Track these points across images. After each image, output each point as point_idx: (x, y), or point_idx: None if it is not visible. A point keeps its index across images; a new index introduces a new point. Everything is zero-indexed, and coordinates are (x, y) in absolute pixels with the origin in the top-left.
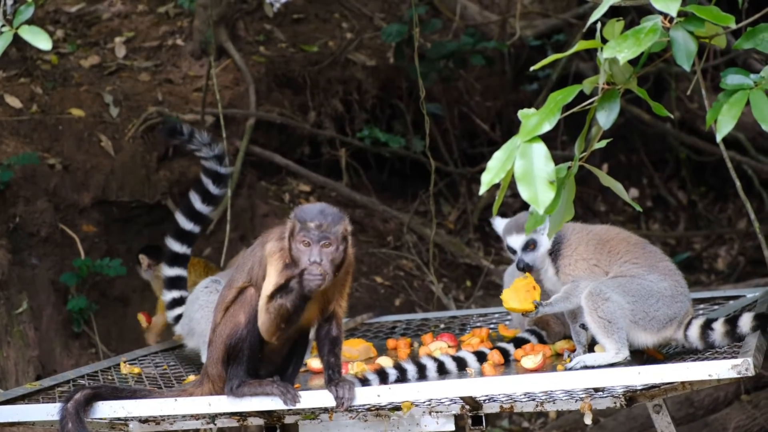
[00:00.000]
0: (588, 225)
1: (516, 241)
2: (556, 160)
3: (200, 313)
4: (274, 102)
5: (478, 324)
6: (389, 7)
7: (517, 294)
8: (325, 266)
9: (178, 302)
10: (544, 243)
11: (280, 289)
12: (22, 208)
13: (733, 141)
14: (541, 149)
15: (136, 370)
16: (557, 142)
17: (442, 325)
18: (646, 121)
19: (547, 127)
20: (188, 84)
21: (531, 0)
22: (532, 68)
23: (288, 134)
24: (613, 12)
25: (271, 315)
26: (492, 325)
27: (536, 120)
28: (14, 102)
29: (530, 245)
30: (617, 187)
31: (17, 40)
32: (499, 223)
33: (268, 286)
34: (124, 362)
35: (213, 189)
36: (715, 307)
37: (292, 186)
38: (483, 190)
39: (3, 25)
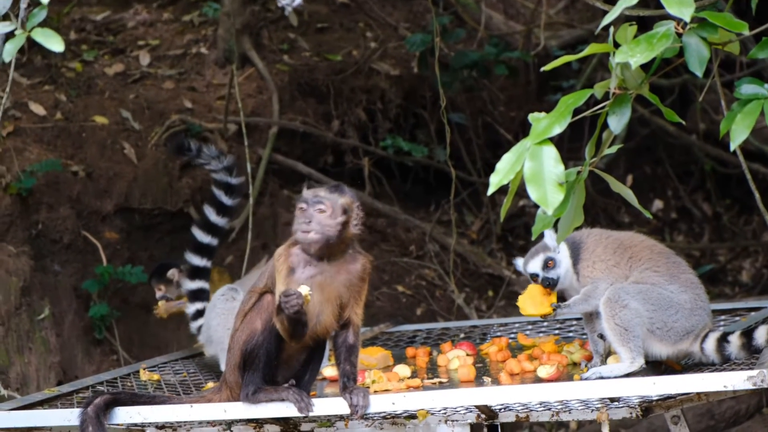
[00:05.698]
0: (608, 230)
1: (535, 264)
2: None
3: (217, 321)
4: (297, 110)
5: (499, 333)
6: (414, 16)
7: (533, 299)
8: (314, 226)
9: (201, 313)
10: (563, 259)
11: (279, 307)
12: (45, 214)
13: (758, 153)
14: (551, 151)
15: (156, 377)
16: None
17: (462, 335)
18: (671, 132)
19: (557, 130)
20: (212, 92)
21: (556, 10)
22: (542, 69)
23: (311, 143)
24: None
25: (278, 326)
26: (512, 335)
27: (546, 123)
28: (38, 109)
29: (548, 263)
30: (627, 193)
31: (42, 48)
32: (520, 262)
33: (277, 296)
34: (144, 369)
35: (226, 200)
36: (737, 318)
37: None
38: (491, 190)
39: (16, 28)
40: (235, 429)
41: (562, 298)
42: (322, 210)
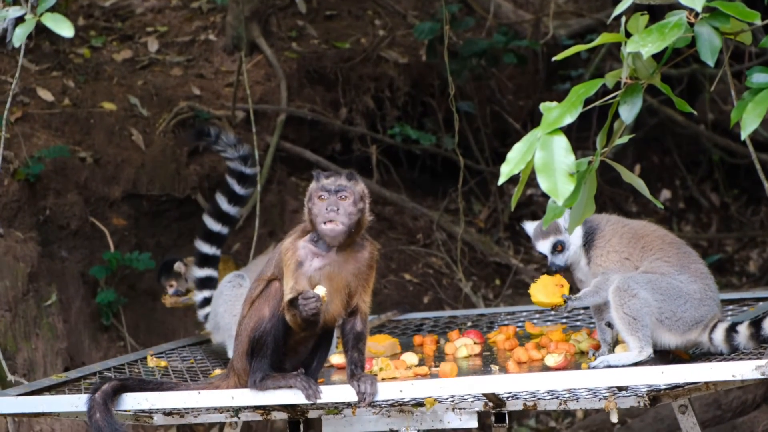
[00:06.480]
0: (625, 218)
1: (544, 245)
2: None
3: (224, 307)
4: (305, 98)
5: (506, 322)
6: (422, 4)
7: (545, 289)
8: (341, 217)
9: (209, 301)
10: (573, 242)
11: (291, 303)
12: (53, 200)
13: (766, 144)
14: (561, 141)
15: (163, 363)
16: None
17: (469, 323)
18: (679, 122)
19: (568, 120)
20: (220, 79)
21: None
22: (553, 59)
23: (319, 130)
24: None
25: (289, 319)
26: (519, 323)
27: (558, 112)
28: (46, 95)
29: (558, 247)
30: (638, 183)
31: (51, 34)
32: (529, 227)
33: (286, 289)
34: (152, 355)
35: (239, 189)
36: (744, 308)
37: None
38: (502, 180)
39: (26, 13)
40: (242, 416)
41: (573, 290)
42: (345, 197)
